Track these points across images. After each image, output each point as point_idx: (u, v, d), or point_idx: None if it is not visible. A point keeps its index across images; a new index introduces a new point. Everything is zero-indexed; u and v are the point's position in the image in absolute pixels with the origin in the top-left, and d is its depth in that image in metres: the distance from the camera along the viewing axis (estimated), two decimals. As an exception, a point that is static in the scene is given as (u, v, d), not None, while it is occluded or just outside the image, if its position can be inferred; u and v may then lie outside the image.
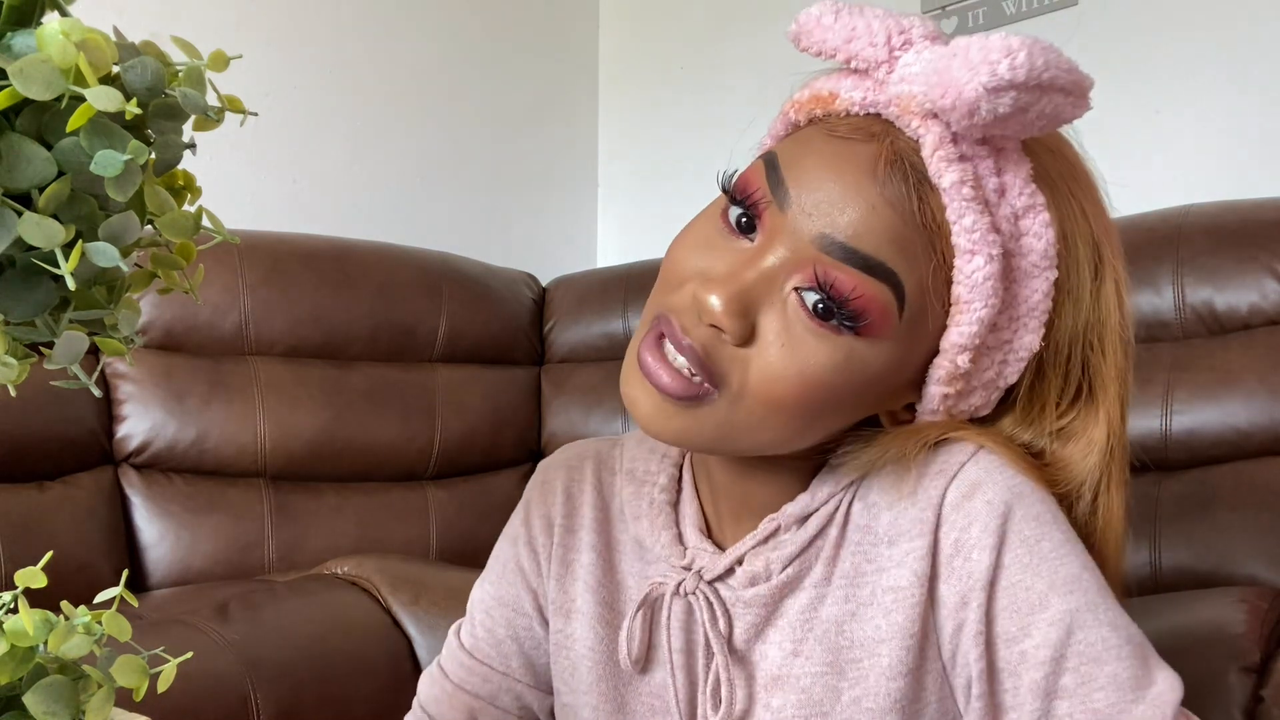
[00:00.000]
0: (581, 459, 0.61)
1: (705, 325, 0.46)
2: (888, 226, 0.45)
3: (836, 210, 0.45)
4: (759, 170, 0.48)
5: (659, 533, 0.56)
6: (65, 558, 1.14)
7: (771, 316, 0.46)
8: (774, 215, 0.47)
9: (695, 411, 0.47)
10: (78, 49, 0.20)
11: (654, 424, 0.48)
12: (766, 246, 0.47)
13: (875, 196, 0.45)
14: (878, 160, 0.45)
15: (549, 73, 1.95)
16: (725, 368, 0.46)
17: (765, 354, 0.46)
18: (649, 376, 0.47)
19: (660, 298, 0.49)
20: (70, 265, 0.21)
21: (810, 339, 0.45)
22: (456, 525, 1.41)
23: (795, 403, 0.46)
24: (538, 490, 0.61)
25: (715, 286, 0.46)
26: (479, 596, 0.62)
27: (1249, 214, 1.11)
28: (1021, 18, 1.54)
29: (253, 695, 0.89)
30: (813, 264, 0.45)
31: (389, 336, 1.43)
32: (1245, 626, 0.81)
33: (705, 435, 0.48)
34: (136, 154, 0.21)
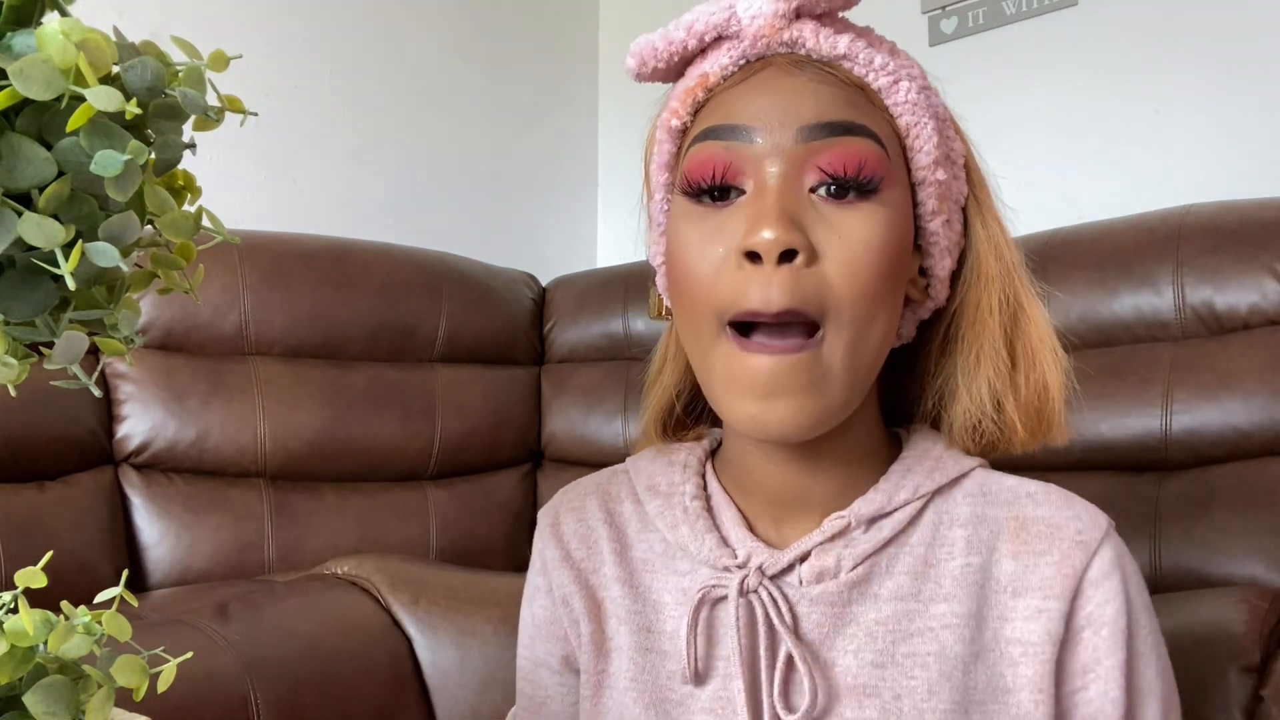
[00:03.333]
0: (583, 497, 0.60)
1: (777, 264, 0.45)
2: (833, 96, 0.48)
3: (791, 107, 0.48)
4: (703, 148, 0.49)
5: (702, 536, 0.53)
6: (65, 558, 1.14)
7: (815, 226, 0.47)
8: (746, 153, 0.48)
9: (814, 368, 0.46)
10: (78, 49, 0.20)
11: (797, 419, 0.47)
12: (761, 175, 0.48)
13: (807, 84, 0.48)
14: (785, 67, 0.49)
15: (549, 72, 1.95)
16: (816, 291, 0.46)
17: (836, 251, 0.47)
18: (759, 388, 0.46)
19: (708, 305, 0.48)
20: (70, 265, 0.21)
21: (849, 219, 0.47)
22: (456, 525, 1.41)
23: (878, 279, 0.47)
24: (549, 537, 0.60)
25: (759, 225, 0.46)
26: (519, 667, 0.62)
27: (1249, 214, 1.11)
28: (1021, 17, 1.54)
29: (252, 695, 0.89)
30: (808, 158, 0.47)
31: (389, 336, 1.43)
32: (1245, 626, 0.81)
33: (835, 393, 0.47)
34: (136, 154, 0.21)
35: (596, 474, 0.63)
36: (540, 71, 1.93)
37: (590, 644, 0.56)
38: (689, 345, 0.51)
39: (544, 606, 0.59)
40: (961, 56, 1.62)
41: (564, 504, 0.61)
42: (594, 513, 0.59)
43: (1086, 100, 1.47)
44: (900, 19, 1.69)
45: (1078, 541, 0.50)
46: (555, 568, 0.58)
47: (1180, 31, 1.39)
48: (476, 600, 1.07)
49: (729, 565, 0.51)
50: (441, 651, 1.04)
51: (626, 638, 0.54)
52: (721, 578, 0.51)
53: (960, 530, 0.51)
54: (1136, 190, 1.40)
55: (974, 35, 1.59)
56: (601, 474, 0.62)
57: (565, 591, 0.58)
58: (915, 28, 1.67)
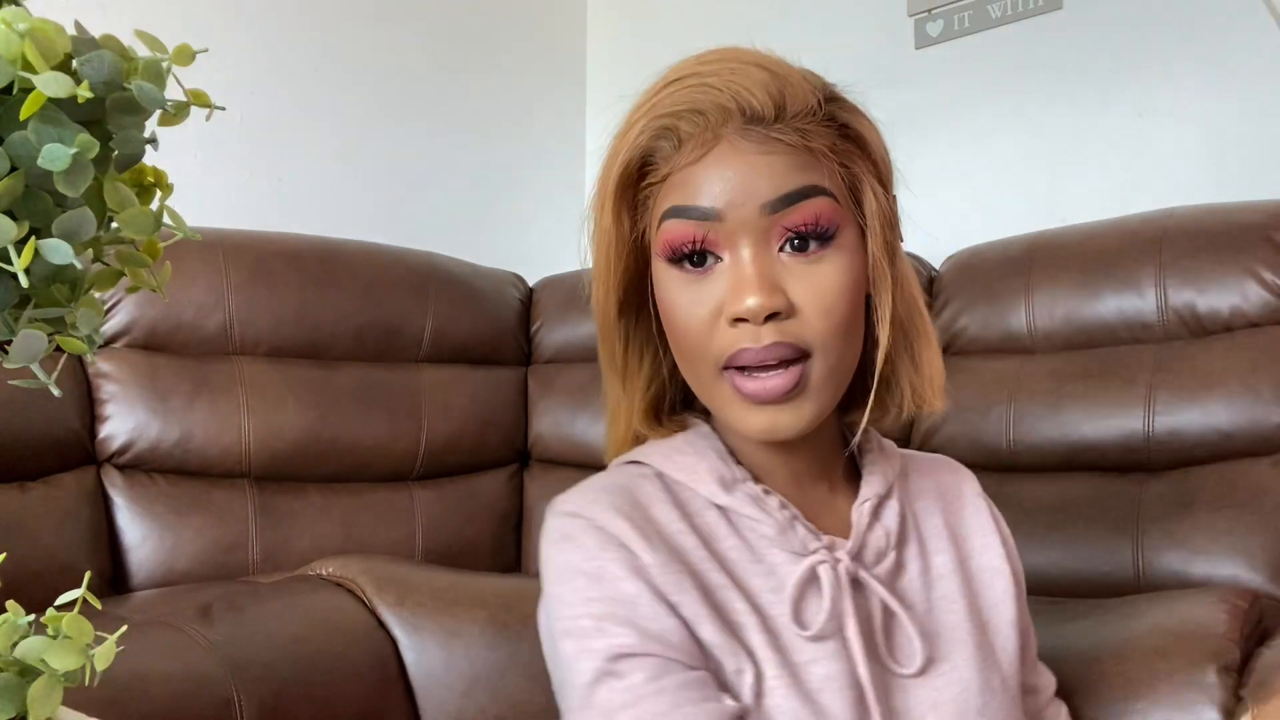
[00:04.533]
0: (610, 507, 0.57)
1: (762, 323, 0.54)
2: (786, 164, 0.55)
3: (752, 187, 0.55)
4: (675, 225, 0.56)
5: (794, 524, 0.59)
6: (47, 559, 1.13)
7: (789, 282, 0.55)
8: (718, 230, 0.55)
9: (806, 384, 0.56)
10: (22, 37, 0.20)
11: (799, 424, 0.56)
12: (735, 247, 0.56)
13: (761, 161, 0.55)
14: (736, 142, 0.55)
15: (536, 72, 1.95)
16: (799, 333, 0.55)
17: (809, 302, 0.55)
18: (762, 396, 0.55)
19: (705, 355, 0.57)
20: (22, 263, 0.21)
21: (817, 271, 0.56)
22: (442, 526, 1.41)
23: (847, 311, 0.56)
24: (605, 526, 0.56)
25: (742, 295, 0.54)
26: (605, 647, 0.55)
27: (1231, 217, 1.12)
28: (1007, 21, 1.54)
29: (236, 697, 0.89)
30: (773, 225, 0.55)
31: (375, 336, 1.43)
32: (1225, 626, 0.82)
33: (823, 398, 0.57)
34: (84, 147, 0.21)
35: (601, 483, 0.60)
36: (527, 71, 1.93)
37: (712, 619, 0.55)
38: (690, 376, 0.60)
39: (646, 584, 0.55)
40: (947, 59, 1.62)
41: (595, 511, 0.57)
42: (660, 508, 0.58)
43: (1070, 103, 1.48)
44: (886, 22, 1.69)
45: (975, 492, 0.69)
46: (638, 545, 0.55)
47: (1164, 36, 1.40)
48: (462, 601, 1.07)
49: (817, 549, 0.58)
50: (427, 653, 1.03)
51: (747, 616, 0.57)
52: (814, 560, 0.58)
53: (922, 501, 0.65)
54: (1120, 193, 1.41)
55: (960, 38, 1.60)
56: (609, 482, 0.60)
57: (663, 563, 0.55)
58: (901, 30, 1.67)
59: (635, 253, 0.60)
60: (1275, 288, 1.07)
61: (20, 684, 0.25)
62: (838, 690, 0.55)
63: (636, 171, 0.58)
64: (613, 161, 0.59)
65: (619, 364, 0.65)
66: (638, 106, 0.59)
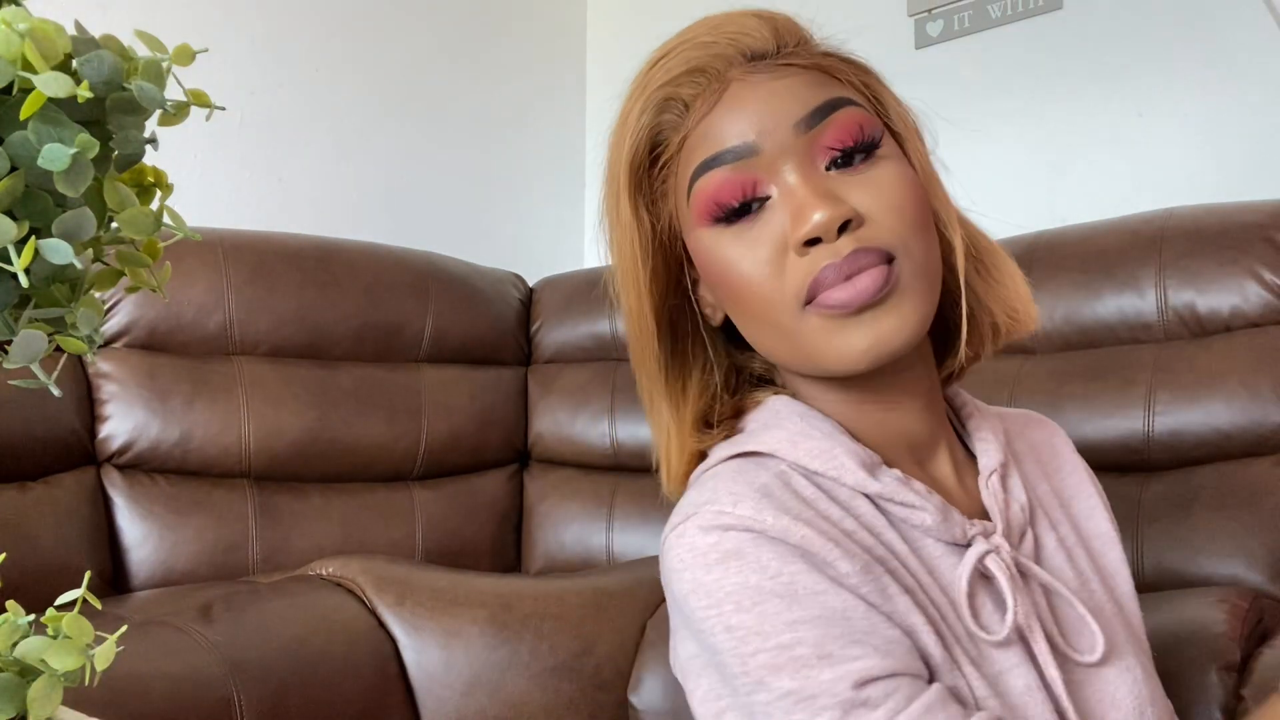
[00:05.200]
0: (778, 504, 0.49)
1: (836, 238, 0.50)
2: (810, 83, 0.52)
3: (777, 110, 0.51)
4: (712, 177, 0.52)
5: (949, 510, 0.52)
6: (47, 559, 1.13)
7: (849, 194, 0.51)
8: (758, 165, 0.52)
9: (899, 286, 0.50)
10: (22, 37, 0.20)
11: (905, 328, 0.50)
12: (779, 176, 0.51)
13: (778, 85, 0.52)
14: (744, 80, 0.52)
15: (536, 71, 1.95)
16: (876, 237, 0.51)
17: (877, 205, 0.51)
18: (856, 300, 0.49)
19: (781, 298, 0.51)
20: (22, 263, 0.21)
21: (872, 178, 0.52)
22: (442, 526, 1.41)
23: (917, 208, 0.52)
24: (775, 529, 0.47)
25: (806, 214, 0.50)
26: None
27: (1231, 217, 1.12)
28: (1007, 20, 1.54)
29: (235, 697, 0.89)
30: (812, 144, 0.51)
31: (375, 337, 1.43)
32: (1226, 626, 0.82)
33: (919, 299, 0.51)
34: (84, 147, 0.21)
35: (745, 480, 0.50)
36: (528, 71, 1.93)
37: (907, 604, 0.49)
38: (768, 337, 0.54)
39: (856, 598, 0.47)
40: (947, 59, 1.62)
41: (761, 516, 0.48)
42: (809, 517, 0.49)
43: (1070, 103, 1.48)
44: (886, 22, 1.69)
45: (1071, 449, 0.64)
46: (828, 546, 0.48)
47: (1164, 35, 1.40)
48: (462, 601, 1.07)
49: (975, 536, 0.52)
50: (427, 652, 1.03)
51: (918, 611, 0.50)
52: (981, 551, 0.51)
53: (1026, 464, 0.60)
54: (1120, 193, 1.41)
55: (960, 38, 1.60)
56: (752, 479, 0.51)
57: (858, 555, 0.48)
58: (901, 31, 1.67)
59: (662, 251, 0.55)
60: (1275, 288, 1.07)
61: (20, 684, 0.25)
62: (1040, 702, 0.49)
63: (646, 156, 0.54)
64: (619, 151, 0.55)
65: (664, 379, 0.57)
66: (630, 95, 0.56)
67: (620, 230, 0.56)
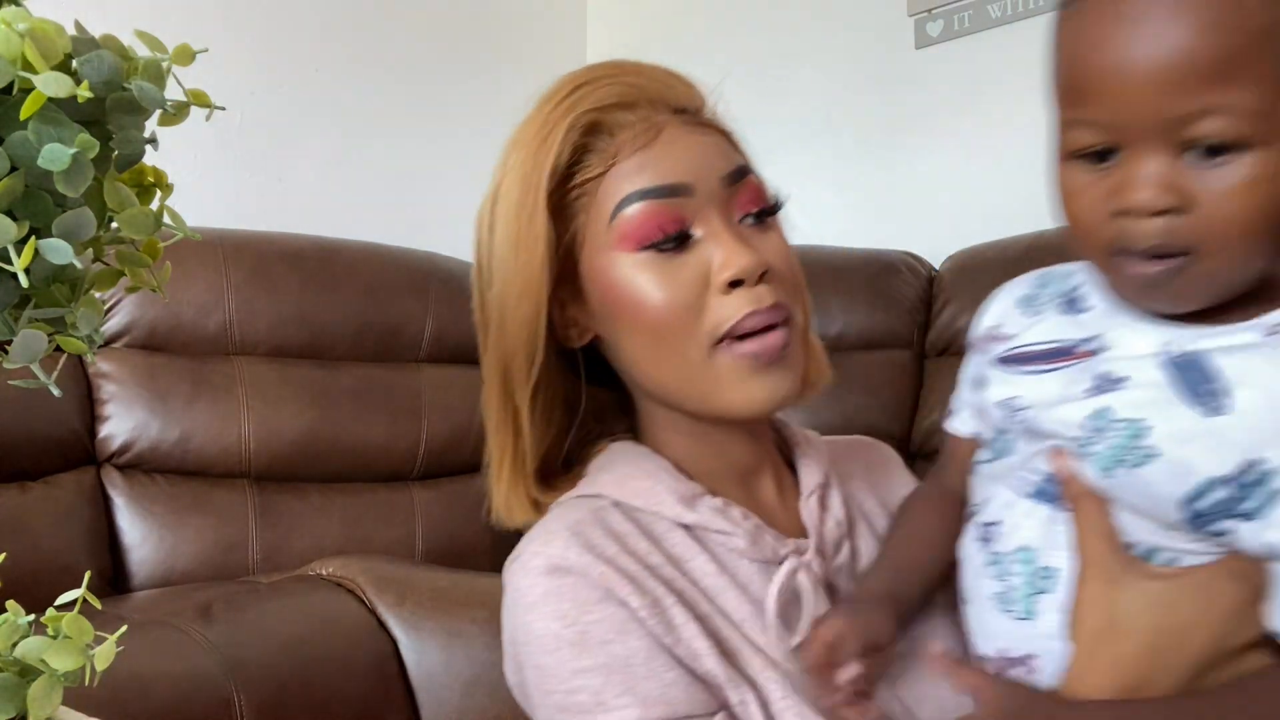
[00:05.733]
0: (587, 544, 0.53)
1: (754, 286, 0.54)
2: (726, 146, 0.58)
3: (709, 161, 0.56)
4: (646, 206, 0.55)
5: (761, 532, 0.57)
6: (47, 559, 1.13)
7: (759, 244, 0.56)
8: (689, 205, 0.56)
9: (794, 344, 0.56)
10: (22, 37, 0.20)
11: (795, 385, 0.56)
12: (707, 219, 0.56)
13: (708, 140, 0.57)
14: (679, 126, 0.57)
15: (536, 72, 1.95)
16: (782, 294, 0.56)
17: (779, 262, 0.56)
18: (765, 354, 0.54)
19: (694, 334, 0.55)
20: (22, 262, 0.21)
21: (772, 235, 0.58)
22: (442, 526, 1.41)
23: (799, 276, 0.58)
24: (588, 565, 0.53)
25: (733, 257, 0.54)
26: None
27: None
28: (1007, 20, 1.54)
29: (235, 697, 0.89)
30: (732, 198, 0.57)
31: (375, 336, 1.43)
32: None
33: (802, 361, 0.57)
34: (84, 147, 0.21)
35: (565, 523, 0.56)
36: (527, 71, 1.92)
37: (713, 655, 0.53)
38: (658, 369, 0.57)
39: (641, 637, 0.52)
40: (947, 59, 1.62)
41: (569, 558, 0.53)
42: (615, 555, 0.54)
43: (1072, 103, 1.48)
44: (886, 22, 1.69)
45: (900, 465, 0.70)
46: (627, 586, 0.53)
47: (1164, 35, 1.40)
48: (462, 601, 1.07)
49: (787, 554, 0.57)
50: (427, 652, 1.03)
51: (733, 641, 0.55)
52: (790, 568, 0.56)
53: (854, 482, 0.66)
54: (1121, 192, 1.41)
55: (960, 38, 1.60)
56: (573, 520, 0.56)
57: (657, 600, 0.53)
58: (902, 31, 1.67)
59: (548, 264, 0.57)
60: (1275, 288, 1.07)
61: (20, 684, 0.25)
62: None
63: (564, 173, 0.57)
64: (540, 164, 0.57)
65: (514, 401, 0.59)
66: (549, 112, 0.58)
67: (532, 239, 0.57)
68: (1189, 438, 0.44)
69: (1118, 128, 0.43)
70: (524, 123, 0.60)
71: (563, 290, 0.58)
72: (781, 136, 1.77)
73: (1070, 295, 0.53)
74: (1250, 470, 0.43)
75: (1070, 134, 0.46)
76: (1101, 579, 0.46)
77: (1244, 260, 0.44)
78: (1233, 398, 0.43)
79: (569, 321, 0.59)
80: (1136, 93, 0.42)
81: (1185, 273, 0.44)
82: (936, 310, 1.52)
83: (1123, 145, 0.44)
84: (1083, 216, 0.46)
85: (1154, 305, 0.47)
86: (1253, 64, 0.41)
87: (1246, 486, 0.43)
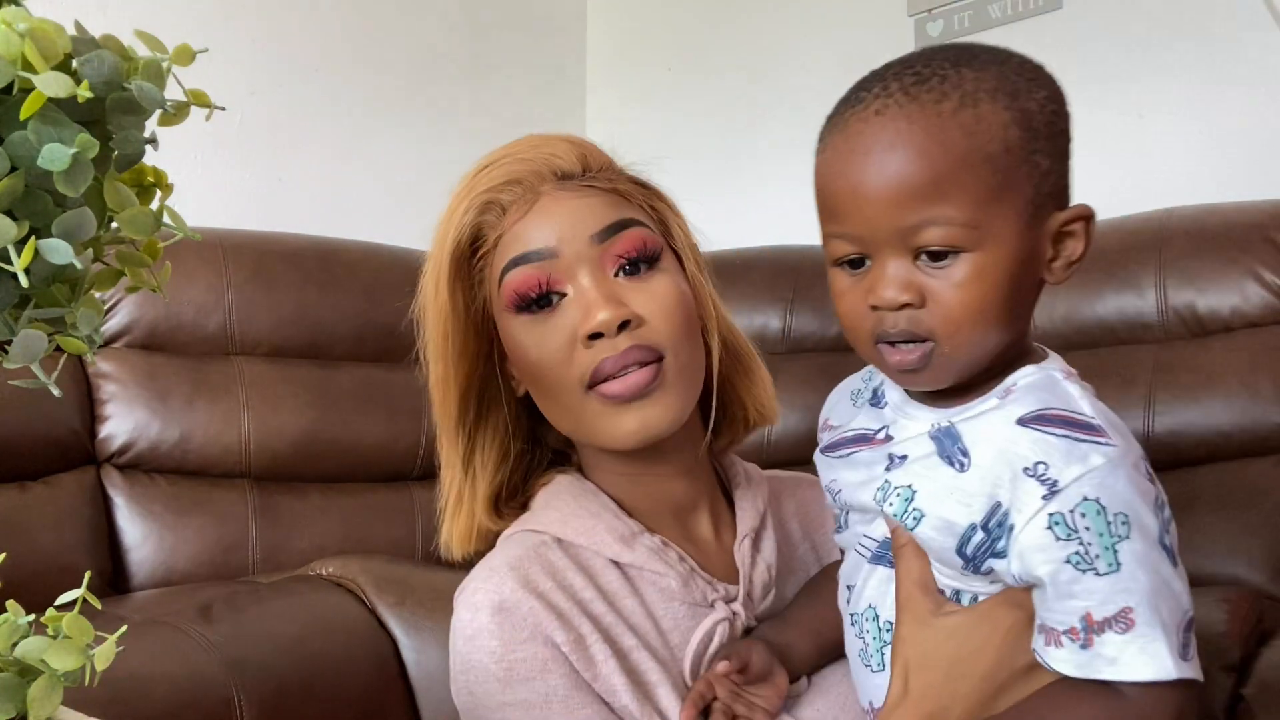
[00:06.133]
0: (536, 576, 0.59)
1: (616, 334, 0.59)
2: (602, 203, 0.62)
3: (579, 223, 0.61)
4: (519, 273, 0.60)
5: (694, 577, 0.62)
6: (47, 559, 1.13)
7: (630, 298, 0.60)
8: (557, 266, 0.60)
9: (665, 382, 0.60)
10: (22, 37, 0.20)
11: (667, 416, 0.60)
12: (575, 278, 0.60)
13: (581, 204, 0.61)
14: (555, 194, 0.61)
15: (537, 71, 1.95)
16: (649, 337, 0.60)
17: (653, 311, 0.60)
18: (626, 393, 0.59)
19: (567, 381, 0.60)
20: (22, 262, 0.21)
21: (652, 285, 0.61)
22: (442, 526, 1.41)
23: (686, 316, 0.62)
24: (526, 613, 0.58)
25: (593, 313, 0.58)
26: None
27: (1231, 217, 1.12)
28: (1007, 21, 1.54)
29: (236, 697, 0.89)
30: (604, 253, 0.61)
31: (375, 336, 1.43)
32: (1226, 626, 0.82)
33: (682, 391, 0.61)
34: (84, 147, 0.21)
35: (506, 559, 0.61)
36: (527, 71, 1.93)
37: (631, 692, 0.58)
38: (557, 412, 0.63)
39: (562, 675, 0.57)
40: (948, 59, 1.62)
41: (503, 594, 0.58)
42: (547, 591, 0.59)
43: (1071, 103, 1.48)
44: (886, 22, 1.69)
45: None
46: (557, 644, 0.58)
47: (1164, 35, 1.40)
48: (462, 601, 1.07)
49: (715, 600, 0.62)
50: (427, 652, 1.03)
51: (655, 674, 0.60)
52: (714, 619, 0.61)
53: (793, 523, 0.70)
54: (1120, 193, 1.41)
55: (960, 39, 1.60)
56: (513, 556, 0.61)
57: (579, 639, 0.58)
58: (901, 30, 1.67)
59: (474, 328, 0.64)
60: (1275, 288, 1.07)
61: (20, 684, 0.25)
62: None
63: (468, 248, 0.63)
64: (443, 242, 0.63)
65: (463, 445, 0.66)
66: (457, 193, 0.64)
67: (435, 308, 0.64)
68: (946, 494, 0.51)
69: (864, 239, 0.51)
70: (449, 202, 0.65)
71: (497, 347, 0.65)
72: (781, 136, 1.77)
73: (876, 391, 0.60)
74: (995, 513, 0.49)
75: (831, 245, 0.53)
76: (914, 619, 0.53)
77: (979, 342, 0.52)
78: (972, 455, 0.51)
79: (510, 376, 0.65)
80: (871, 210, 0.50)
81: (934, 356, 0.52)
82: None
83: (871, 253, 0.52)
84: (849, 312, 0.54)
85: (916, 385, 0.55)
86: (959, 183, 0.49)
87: (995, 528, 0.49)
